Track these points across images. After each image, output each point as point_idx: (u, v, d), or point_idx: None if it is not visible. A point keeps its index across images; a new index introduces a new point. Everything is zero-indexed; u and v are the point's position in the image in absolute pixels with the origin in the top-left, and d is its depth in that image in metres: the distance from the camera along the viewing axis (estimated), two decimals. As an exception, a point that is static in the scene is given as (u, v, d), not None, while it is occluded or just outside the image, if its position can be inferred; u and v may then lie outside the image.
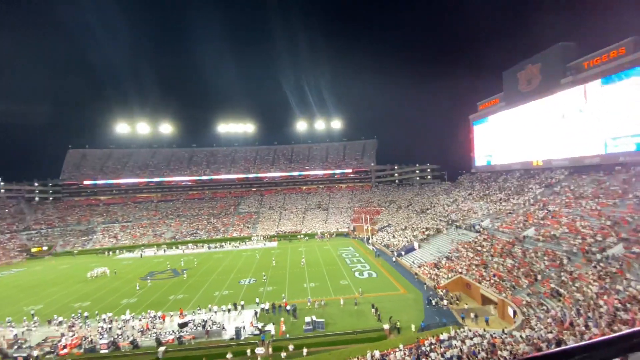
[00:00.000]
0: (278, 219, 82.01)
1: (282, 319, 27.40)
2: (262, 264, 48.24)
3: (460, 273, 33.16)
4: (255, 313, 28.64)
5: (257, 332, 25.28)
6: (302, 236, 72.06)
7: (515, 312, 24.44)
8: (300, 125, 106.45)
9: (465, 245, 38.68)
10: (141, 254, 61.28)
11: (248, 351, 22.24)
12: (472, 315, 26.17)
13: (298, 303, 30.44)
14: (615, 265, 22.86)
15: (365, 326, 25.52)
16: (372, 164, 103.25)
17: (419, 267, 39.90)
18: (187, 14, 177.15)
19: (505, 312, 25.85)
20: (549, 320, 20.79)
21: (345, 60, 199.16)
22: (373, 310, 28.01)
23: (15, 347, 24.10)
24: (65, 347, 23.86)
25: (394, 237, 57.19)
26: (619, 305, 18.62)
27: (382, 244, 56.25)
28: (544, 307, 23.09)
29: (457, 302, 30.09)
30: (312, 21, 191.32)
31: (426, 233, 49.84)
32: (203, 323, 26.39)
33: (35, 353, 23.00)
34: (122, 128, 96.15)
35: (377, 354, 19.72)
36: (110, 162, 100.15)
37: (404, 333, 24.14)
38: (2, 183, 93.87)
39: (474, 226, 43.06)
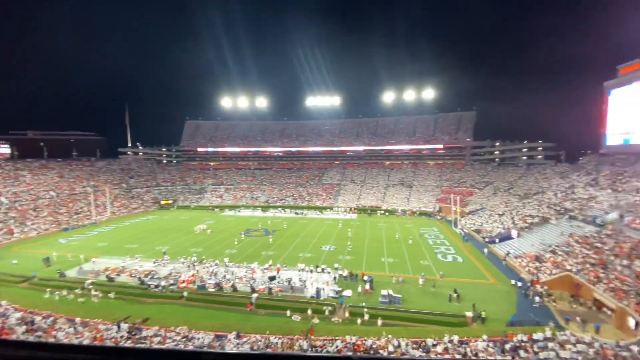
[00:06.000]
0: (359, 193, 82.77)
1: (367, 285, 28.38)
2: (342, 234, 50.13)
3: (569, 270, 28.45)
4: (334, 278, 30.41)
5: (335, 295, 27.02)
6: (382, 212, 71.54)
7: (638, 324, 20.09)
8: (387, 97, 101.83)
9: (580, 240, 32.65)
10: (236, 212, 72.84)
11: (326, 311, 24.07)
12: (578, 319, 22.56)
13: (376, 275, 31.03)
14: None
15: (443, 309, 24.63)
16: (468, 140, 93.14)
17: (516, 258, 35.67)
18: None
19: (624, 322, 21.46)
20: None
21: (441, 22, 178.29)
22: (455, 295, 26.67)
23: (149, 277, 31.18)
24: (183, 282, 29.82)
25: (487, 222, 51.91)
26: None
27: (473, 229, 51.78)
28: (689, 328, 18.29)
29: (560, 302, 26.19)
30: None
31: (529, 221, 43.67)
32: (289, 279, 29.41)
33: (162, 283, 29.40)
34: (226, 102, 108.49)
35: (455, 339, 19.03)
36: (218, 133, 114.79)
37: (488, 324, 22.51)
38: (141, 147, 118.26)
39: (595, 219, 35.73)
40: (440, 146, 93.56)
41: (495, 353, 17.50)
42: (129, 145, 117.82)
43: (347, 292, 27.37)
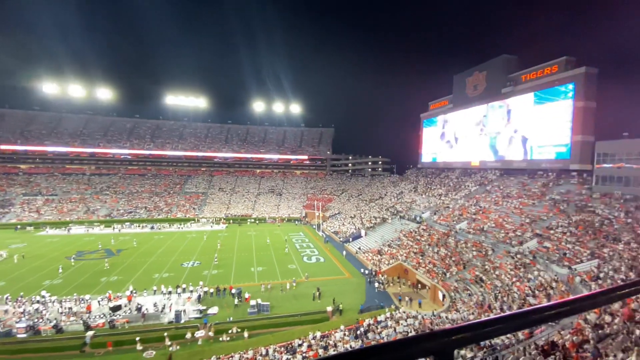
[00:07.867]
0: (228, 202, 79.48)
1: (246, 294, 27.76)
2: (208, 247, 46.65)
3: (400, 260, 35.57)
4: (199, 296, 27.78)
5: (198, 315, 24.64)
6: (252, 220, 70.95)
7: (444, 296, 27.05)
8: (258, 106, 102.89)
9: (407, 235, 41.46)
10: (68, 230, 56.99)
11: (188, 334, 21.62)
12: (407, 298, 28.39)
13: (245, 287, 30.19)
14: (530, 257, 26.35)
15: (309, 308, 26.26)
16: (328, 153, 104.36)
17: (364, 253, 41.92)
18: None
19: (436, 296, 28.47)
20: (472, 303, 23.42)
21: (305, 44, 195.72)
22: (317, 293, 28.91)
23: None
24: (-33, 333, 20.86)
25: (343, 224, 59.06)
26: (529, 291, 21.62)
27: (332, 231, 57.82)
28: (469, 292, 25.90)
29: (395, 286, 32.36)
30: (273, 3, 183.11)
31: (373, 222, 52.29)
32: (139, 306, 24.92)
33: None
34: (49, 88, 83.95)
35: (318, 334, 20.50)
36: (34, 126, 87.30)
37: (345, 315, 25.36)
38: None
39: (415, 217, 46.23)
40: (306, 157, 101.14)
41: (350, 340, 19.82)
42: None
43: (213, 310, 25.48)
